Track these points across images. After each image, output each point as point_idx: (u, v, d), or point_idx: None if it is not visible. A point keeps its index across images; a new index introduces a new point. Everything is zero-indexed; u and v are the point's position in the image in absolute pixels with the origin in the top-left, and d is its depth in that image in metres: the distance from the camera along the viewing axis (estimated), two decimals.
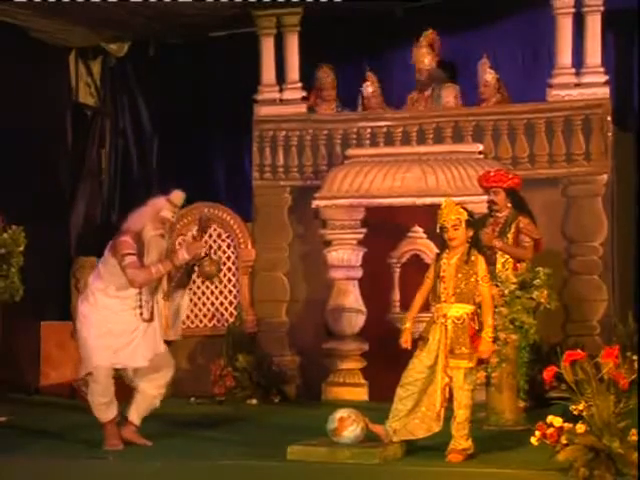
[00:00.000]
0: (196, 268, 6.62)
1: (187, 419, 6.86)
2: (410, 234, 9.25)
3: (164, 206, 6.47)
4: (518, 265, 7.63)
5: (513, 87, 9.61)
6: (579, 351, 5.53)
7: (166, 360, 6.59)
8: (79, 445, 6.59)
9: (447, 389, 6.05)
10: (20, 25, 10.11)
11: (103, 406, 6.36)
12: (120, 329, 6.38)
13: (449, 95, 9.57)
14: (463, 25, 9.98)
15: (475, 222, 6.26)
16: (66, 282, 10.41)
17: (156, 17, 10.06)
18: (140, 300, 6.41)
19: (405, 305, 6.52)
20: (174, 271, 6.50)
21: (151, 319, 6.45)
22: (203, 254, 6.67)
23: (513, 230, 7.72)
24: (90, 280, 6.62)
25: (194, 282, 9.93)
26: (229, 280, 10.05)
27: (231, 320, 9.91)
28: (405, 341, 6.13)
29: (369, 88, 9.78)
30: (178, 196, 6.58)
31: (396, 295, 9.22)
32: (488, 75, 9.36)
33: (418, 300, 6.19)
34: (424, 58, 9.59)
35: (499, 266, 7.54)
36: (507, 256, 7.66)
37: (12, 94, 9.85)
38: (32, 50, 10.39)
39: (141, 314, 6.41)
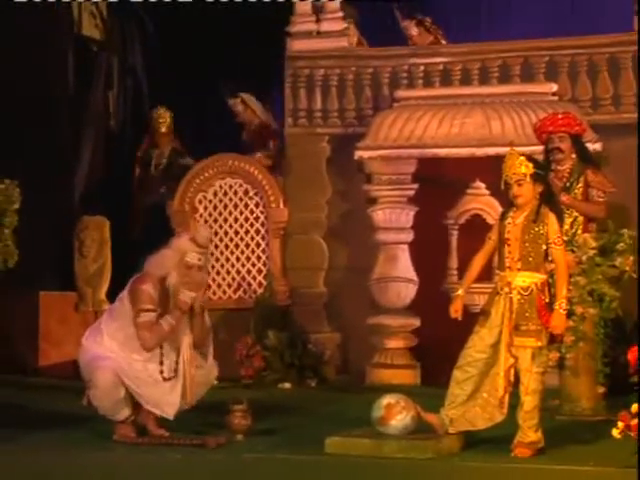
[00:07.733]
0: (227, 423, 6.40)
1: (208, 405, 6.91)
2: (470, 190, 9.26)
3: (188, 248, 6.39)
4: (589, 226, 7.57)
5: (593, 15, 9.52)
6: None
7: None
8: (86, 434, 6.66)
9: (512, 371, 6.03)
10: None
11: (108, 411, 6.44)
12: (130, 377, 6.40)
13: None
14: None
15: (545, 176, 6.21)
16: (68, 245, 10.49)
17: None
18: (161, 355, 6.43)
19: (464, 274, 6.52)
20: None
21: (173, 377, 6.44)
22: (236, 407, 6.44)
23: (580, 185, 7.66)
24: (104, 316, 6.67)
25: (217, 246, 10.01)
26: (257, 244, 10.09)
27: (260, 291, 9.97)
28: (455, 310, 6.10)
29: (413, 30, 9.79)
30: (204, 235, 6.51)
31: (453, 262, 9.23)
32: (413, 30, 9.66)
33: (476, 264, 6.15)
34: None
35: (566, 227, 7.49)
36: (575, 214, 7.60)
37: (3, 27, 9.90)
38: None
39: (161, 372, 6.43)
